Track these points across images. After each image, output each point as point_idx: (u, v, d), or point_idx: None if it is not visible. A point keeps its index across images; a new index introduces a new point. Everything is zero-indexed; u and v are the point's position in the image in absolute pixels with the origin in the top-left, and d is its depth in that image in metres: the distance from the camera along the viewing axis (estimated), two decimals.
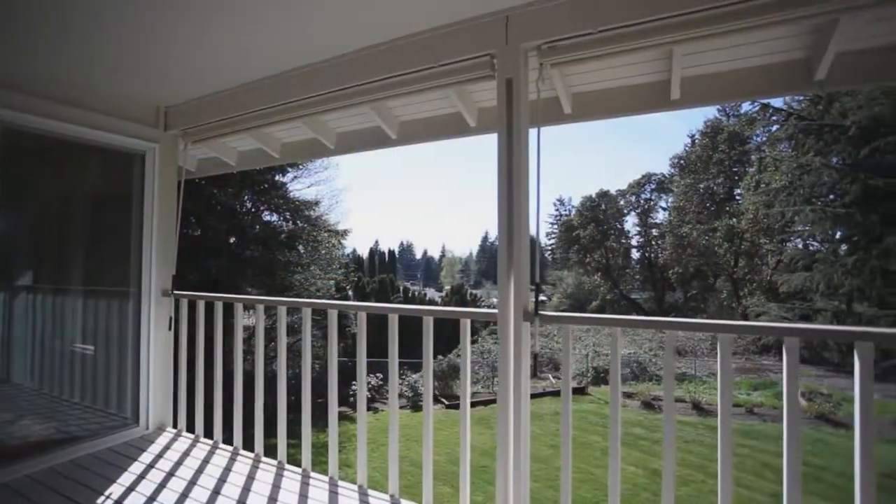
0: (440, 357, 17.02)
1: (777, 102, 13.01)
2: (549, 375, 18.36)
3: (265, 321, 2.97)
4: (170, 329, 3.42)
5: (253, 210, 17.45)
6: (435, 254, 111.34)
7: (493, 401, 15.73)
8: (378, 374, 16.19)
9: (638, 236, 38.92)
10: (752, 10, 1.91)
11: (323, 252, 18.80)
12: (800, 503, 1.63)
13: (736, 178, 30.97)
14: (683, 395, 15.41)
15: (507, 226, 1.95)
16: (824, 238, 11.69)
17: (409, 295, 30.82)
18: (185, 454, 2.98)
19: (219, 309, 3.24)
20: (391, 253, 76.19)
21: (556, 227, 43.48)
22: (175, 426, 3.46)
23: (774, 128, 13.28)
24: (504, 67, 2.07)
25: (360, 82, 2.56)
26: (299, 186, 18.03)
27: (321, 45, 2.57)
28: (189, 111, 3.41)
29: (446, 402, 15.39)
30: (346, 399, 14.81)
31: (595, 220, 38.16)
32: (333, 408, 2.66)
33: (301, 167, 17.55)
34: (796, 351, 1.67)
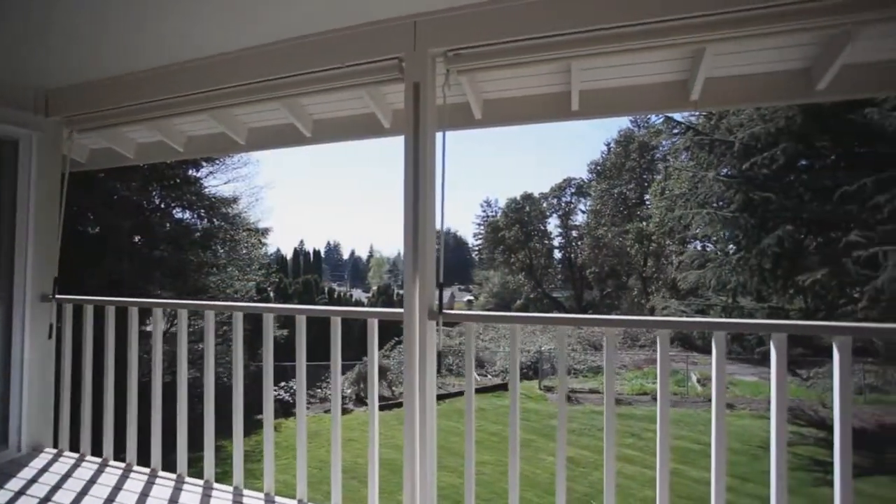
0: (364, 358, 16.83)
1: (678, 117, 14.32)
2: (475, 373, 18.80)
3: (183, 326, 2.77)
4: (50, 337, 3.09)
5: (162, 207, 16.14)
6: (363, 254, 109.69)
7: (440, 397, 15.82)
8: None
9: (559, 237, 40.97)
10: (638, 34, 2.10)
11: (242, 252, 17.83)
12: (724, 481, 1.82)
13: (645, 184, 33.61)
14: (597, 385, 16.44)
15: (413, 227, 1.99)
16: (717, 240, 13.00)
17: (335, 296, 30.12)
18: (66, 476, 2.70)
19: (111, 314, 2.98)
20: (317, 253, 73.90)
21: (482, 228, 44.58)
22: (56, 446, 3.11)
23: (676, 140, 14.53)
24: (412, 71, 2.11)
25: (267, 77, 2.49)
26: (215, 182, 16.96)
27: (224, 37, 2.47)
28: (77, 97, 3.10)
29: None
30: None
31: (520, 221, 39.64)
32: (239, 416, 2.55)
33: (218, 162, 16.52)
34: (721, 343, 1.86)
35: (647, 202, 32.28)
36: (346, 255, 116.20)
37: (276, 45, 2.45)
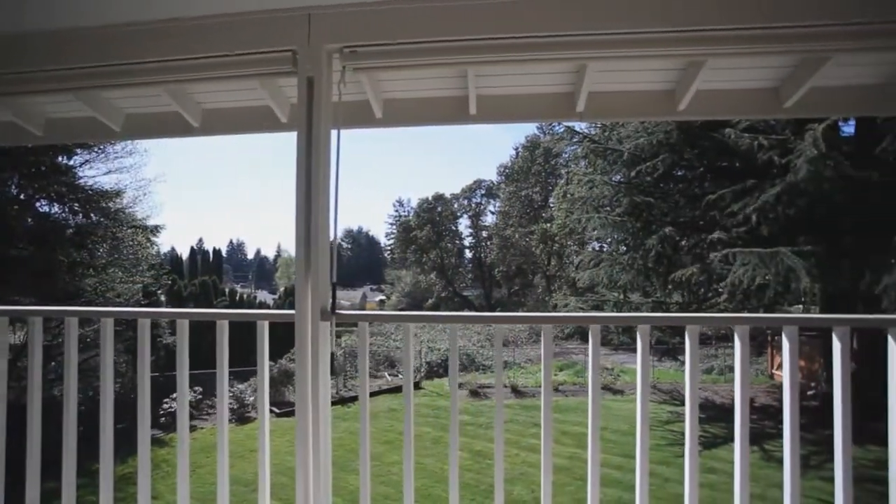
0: (270, 363, 15.97)
1: (578, 126, 15.42)
2: (386, 373, 18.67)
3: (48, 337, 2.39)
4: None
5: (22, 198, 13.99)
6: (269, 253, 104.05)
7: (344, 400, 15.40)
8: (195, 388, 14.47)
9: (470, 237, 42.13)
10: (527, 46, 2.22)
11: (126, 251, 16.01)
12: (647, 465, 1.96)
13: (549, 187, 35.75)
14: (504, 380, 17.16)
15: (305, 225, 1.93)
16: (610, 241, 14.17)
17: (238, 298, 28.25)
18: None
19: None
20: (217, 252, 68.71)
21: (395, 227, 44.44)
22: None
23: (576, 147, 15.60)
24: (306, 66, 2.04)
25: (141, 60, 2.26)
26: (93, 173, 15.05)
27: (97, 7, 2.20)
28: None
29: (277, 411, 14.51)
30: (156, 421, 12.91)
31: (431, 221, 40.13)
32: (107, 442, 2.28)
33: (95, 149, 14.66)
34: (596, 336, 2.00)
35: (551, 205, 34.34)
36: (250, 255, 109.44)
37: (154, 25, 2.24)
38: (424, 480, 10.30)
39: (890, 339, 1.98)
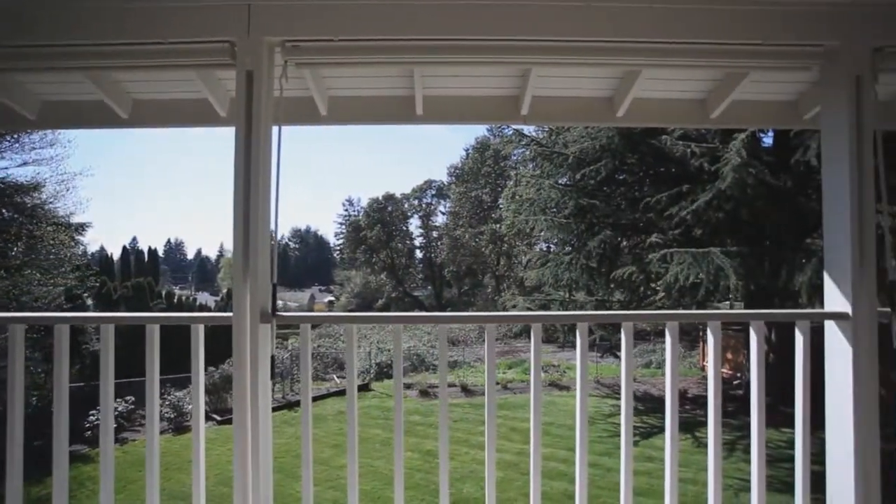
0: (211, 368, 15.23)
1: (526, 129, 15.79)
2: (335, 376, 18.30)
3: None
4: None
5: None
6: (211, 253, 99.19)
7: (291, 404, 14.88)
8: (127, 398, 13.54)
9: (420, 237, 42.11)
10: (474, 48, 2.25)
11: (46, 251, 14.72)
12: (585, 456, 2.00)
13: (499, 189, 36.37)
14: (454, 379, 17.28)
15: (244, 224, 1.86)
16: (556, 241, 14.61)
17: (175, 301, 26.70)
18: None
19: None
20: (153, 252, 64.60)
21: (344, 227, 43.67)
22: None
23: (524, 150, 15.96)
24: (245, 59, 1.96)
25: (62, 42, 2.09)
26: (4, 164, 13.72)
27: None
28: None
29: (219, 418, 13.86)
30: (81, 434, 11.97)
31: (382, 221, 39.78)
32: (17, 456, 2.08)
33: (8, 139, 13.39)
34: (539, 333, 2.04)
35: (501, 206, 34.97)
36: (190, 255, 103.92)
37: (80, 4, 2.07)
38: (374, 483, 10.19)
39: (797, 330, 2.17)
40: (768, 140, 11.17)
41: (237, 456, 1.85)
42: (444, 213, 41.61)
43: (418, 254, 42.82)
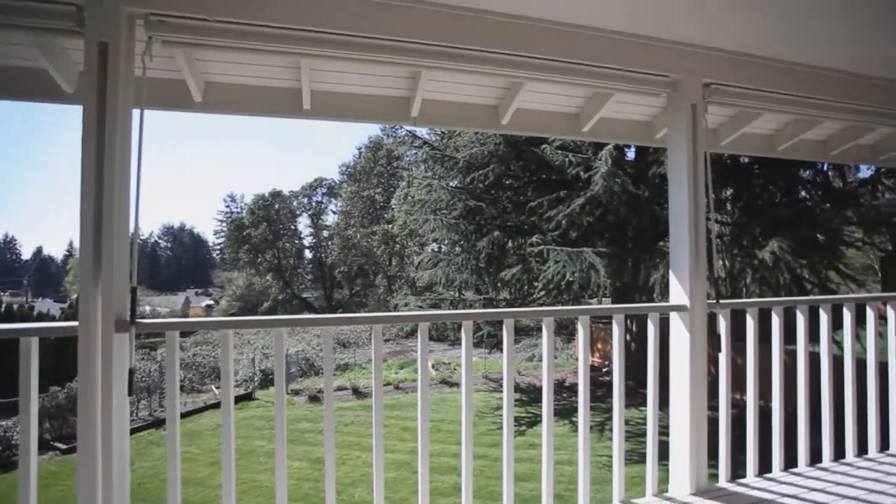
0: (55, 388, 13.04)
1: (419, 131, 16.00)
2: (213, 386, 16.79)
3: None
4: None
5: None
6: (57, 252, 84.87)
7: (161, 422, 13.22)
8: None
9: (310, 237, 40.43)
10: (368, 46, 2.21)
11: None
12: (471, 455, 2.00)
13: (391, 189, 36.33)
14: (345, 382, 16.88)
15: (94, 219, 1.61)
16: (447, 242, 14.97)
17: (3, 310, 22.35)
18: None
19: None
20: None
21: (225, 225, 40.31)
22: None
23: (417, 151, 16.13)
24: (97, 27, 1.71)
25: None
26: None
27: None
28: None
29: (64, 446, 11.89)
30: None
31: (268, 219, 37.45)
32: None
33: None
34: (426, 332, 2.03)
35: (393, 206, 34.99)
36: (27, 255, 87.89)
37: None
38: (259, 499, 9.54)
39: (649, 321, 2.50)
40: (631, 154, 12.65)
41: (82, 490, 1.60)
42: (335, 213, 40.42)
43: (307, 254, 41.06)
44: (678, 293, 2.55)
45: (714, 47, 2.57)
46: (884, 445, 3.06)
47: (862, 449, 3.00)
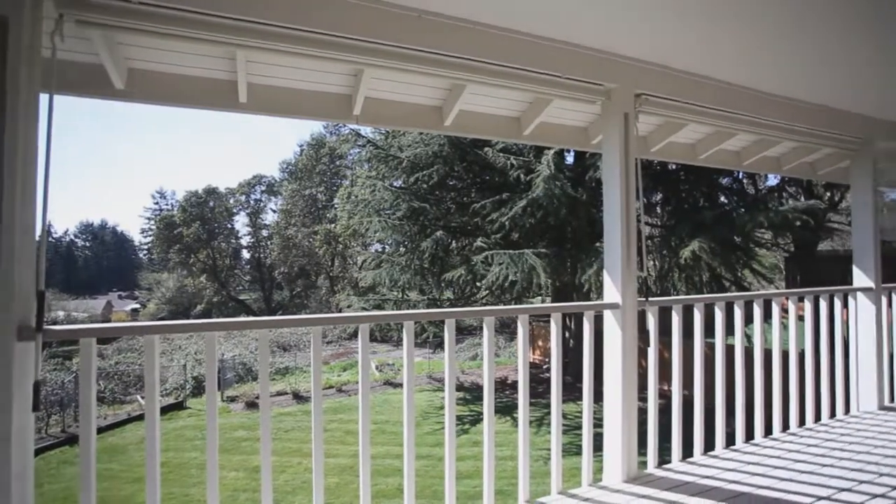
0: None
1: (364, 131, 15.74)
2: (139, 396, 15.64)
3: None
4: None
5: None
6: None
7: (76, 438, 12.06)
8: None
9: (248, 236, 38.70)
10: (309, 41, 2.14)
11: None
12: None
13: (334, 188, 35.53)
14: (285, 387, 16.31)
15: None
16: (391, 242, 14.85)
17: None
18: None
19: None
20: None
21: (154, 223, 37.72)
22: None
23: (361, 150, 15.88)
24: None
25: None
26: None
27: None
28: None
29: None
30: None
31: (201, 217, 35.43)
32: None
33: None
34: (366, 334, 1.98)
35: (336, 205, 34.26)
36: None
37: None
38: None
39: (585, 319, 2.61)
40: (570, 158, 13.16)
41: None
42: (274, 211, 38.89)
43: (245, 254, 39.26)
44: (611, 292, 2.68)
45: (645, 60, 2.72)
46: (785, 426, 3.40)
47: (768, 430, 3.32)
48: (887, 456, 2.89)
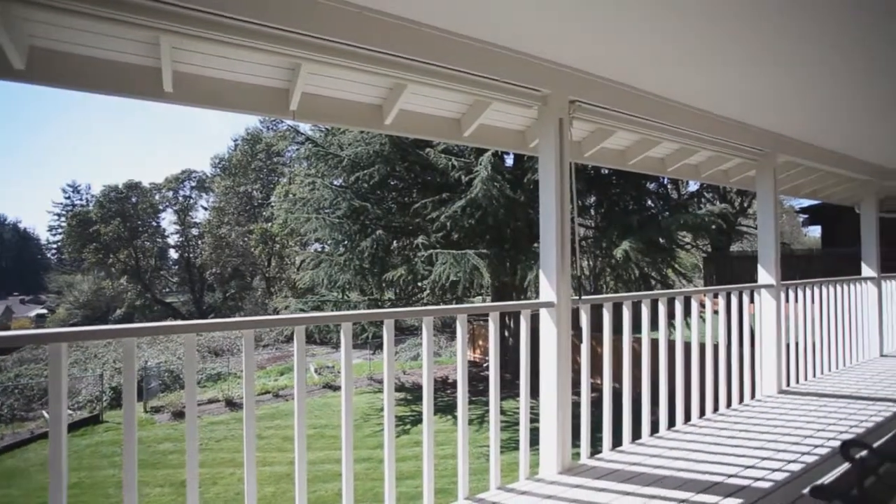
0: None
1: (303, 127, 15.22)
2: (43, 412, 14.19)
3: None
4: None
5: None
6: None
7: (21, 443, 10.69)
8: None
9: (176, 235, 36.29)
10: (241, 30, 2.04)
11: None
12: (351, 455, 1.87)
13: (271, 185, 34.15)
14: (217, 394, 15.47)
15: None
16: (330, 242, 14.50)
17: None
18: None
19: None
20: None
21: (65, 220, 34.42)
22: None
23: (299, 147, 15.38)
24: None
25: None
26: None
27: None
28: None
29: None
30: None
31: (122, 214, 32.80)
32: None
33: None
34: (302, 336, 1.90)
35: (273, 203, 32.98)
36: None
37: None
38: None
39: (522, 317, 2.68)
40: (510, 160, 13.49)
41: None
42: (206, 209, 36.71)
43: (173, 254, 36.78)
44: (547, 291, 2.78)
45: (579, 69, 2.85)
46: (702, 412, 3.71)
47: (687, 417, 3.60)
48: (784, 434, 3.24)
